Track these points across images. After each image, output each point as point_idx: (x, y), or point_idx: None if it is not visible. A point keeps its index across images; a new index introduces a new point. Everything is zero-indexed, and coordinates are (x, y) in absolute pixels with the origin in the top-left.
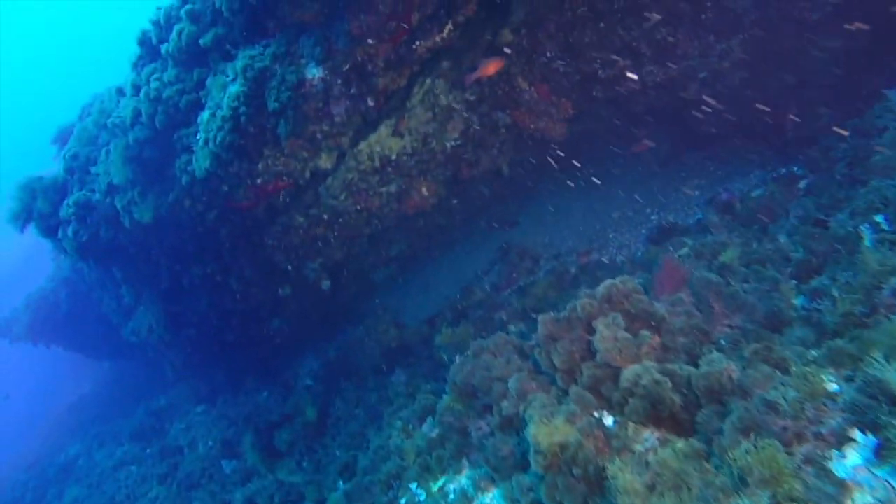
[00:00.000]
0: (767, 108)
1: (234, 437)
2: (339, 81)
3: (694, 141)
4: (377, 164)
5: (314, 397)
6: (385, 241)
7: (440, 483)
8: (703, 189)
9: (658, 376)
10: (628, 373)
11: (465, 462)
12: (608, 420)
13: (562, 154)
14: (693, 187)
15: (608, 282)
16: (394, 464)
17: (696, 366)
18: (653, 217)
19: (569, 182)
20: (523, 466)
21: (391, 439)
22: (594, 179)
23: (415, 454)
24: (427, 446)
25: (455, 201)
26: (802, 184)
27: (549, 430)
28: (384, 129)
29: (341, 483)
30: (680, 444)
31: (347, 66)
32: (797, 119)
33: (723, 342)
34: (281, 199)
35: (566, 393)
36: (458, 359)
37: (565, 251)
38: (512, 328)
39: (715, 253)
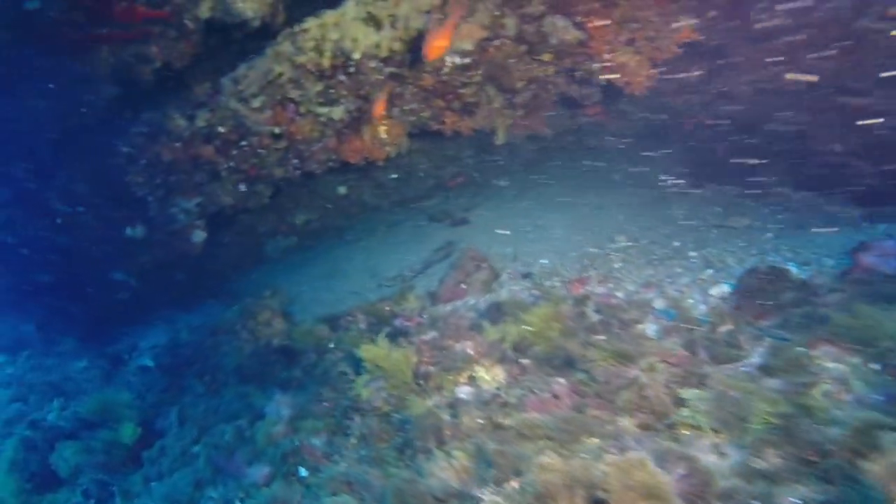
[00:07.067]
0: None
1: (14, 418)
2: None
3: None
4: (326, 61)
5: (145, 395)
6: (293, 199)
7: None
8: (758, 231)
9: None
10: None
11: None
12: None
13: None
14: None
15: None
16: None
17: None
18: (692, 254)
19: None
20: None
21: None
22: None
23: None
24: None
25: (395, 175)
26: None
27: None
28: (353, 7)
29: None
30: None
31: None
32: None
33: None
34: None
35: None
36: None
37: (539, 272)
38: (483, 373)
39: None
